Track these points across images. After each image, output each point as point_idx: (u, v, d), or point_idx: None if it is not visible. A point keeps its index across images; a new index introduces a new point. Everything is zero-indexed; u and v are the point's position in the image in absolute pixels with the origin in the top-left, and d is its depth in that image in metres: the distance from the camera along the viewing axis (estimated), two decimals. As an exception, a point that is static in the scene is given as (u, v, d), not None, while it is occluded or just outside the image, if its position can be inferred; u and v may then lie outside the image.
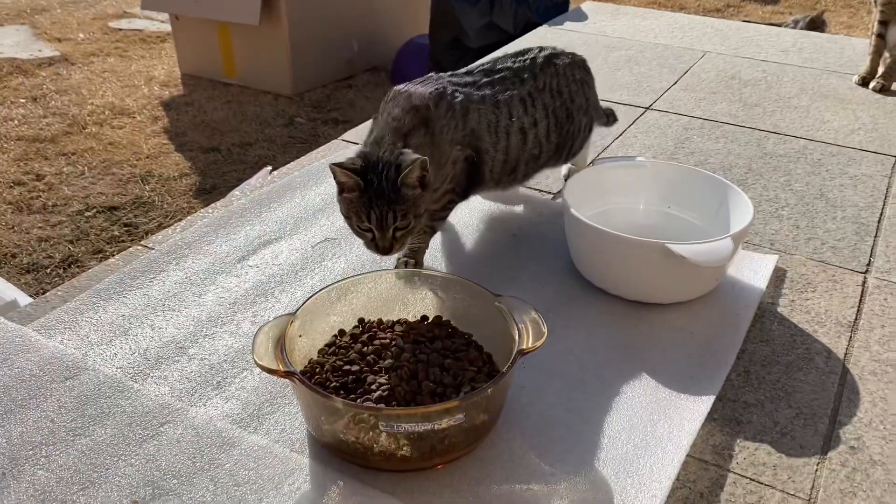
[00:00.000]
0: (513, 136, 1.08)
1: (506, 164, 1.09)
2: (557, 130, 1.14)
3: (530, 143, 1.11)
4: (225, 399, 0.85)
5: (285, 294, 1.03)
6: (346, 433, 0.75)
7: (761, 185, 1.36)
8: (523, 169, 1.13)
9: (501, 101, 1.07)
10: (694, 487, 0.76)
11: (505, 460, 0.77)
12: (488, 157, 1.07)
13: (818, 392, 0.89)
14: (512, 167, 1.11)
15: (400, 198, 0.91)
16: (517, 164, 1.11)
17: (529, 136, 1.10)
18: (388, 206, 0.91)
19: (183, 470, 0.76)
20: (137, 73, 3.61)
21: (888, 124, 1.63)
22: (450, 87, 1.04)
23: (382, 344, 0.86)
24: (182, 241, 1.14)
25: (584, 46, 2.08)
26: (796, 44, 2.15)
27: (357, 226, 0.94)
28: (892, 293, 1.07)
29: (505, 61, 1.13)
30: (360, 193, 0.91)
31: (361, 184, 0.91)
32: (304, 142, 2.93)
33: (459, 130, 1.02)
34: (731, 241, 0.94)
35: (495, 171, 1.09)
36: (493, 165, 1.08)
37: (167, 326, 0.96)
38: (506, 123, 1.07)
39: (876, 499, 0.75)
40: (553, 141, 1.14)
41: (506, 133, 1.07)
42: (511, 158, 1.10)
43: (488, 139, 1.06)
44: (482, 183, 1.10)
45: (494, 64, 1.12)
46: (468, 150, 1.04)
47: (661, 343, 0.95)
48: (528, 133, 1.10)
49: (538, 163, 1.15)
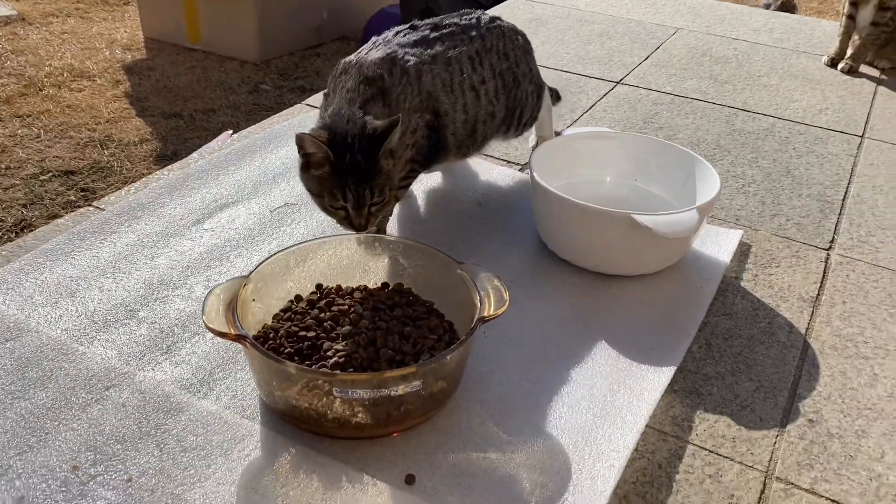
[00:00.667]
0: (467, 93, 1.04)
1: (466, 123, 1.06)
2: (505, 93, 1.10)
3: (483, 101, 1.07)
4: (175, 364, 0.82)
5: (241, 259, 0.99)
6: (299, 399, 0.72)
7: (729, 161, 1.35)
8: (482, 129, 1.09)
9: (452, 57, 1.03)
10: (652, 458, 0.75)
11: (463, 428, 0.76)
12: (449, 118, 1.03)
13: (779, 366, 0.88)
14: (472, 127, 1.07)
15: (376, 172, 0.86)
16: (476, 122, 1.07)
17: (481, 93, 1.06)
18: (364, 183, 0.86)
19: (128, 435, 0.73)
20: (98, 36, 3.50)
21: (855, 105, 1.63)
22: (399, 51, 0.99)
23: (340, 310, 0.84)
24: (135, 202, 1.10)
25: (557, 19, 2.05)
26: (767, 24, 2.15)
27: (329, 205, 0.88)
28: (854, 270, 1.07)
29: (451, 17, 1.09)
30: (331, 168, 0.86)
31: (332, 156, 0.85)
32: (270, 109, 2.86)
33: (416, 95, 0.99)
34: (696, 212, 0.93)
35: (458, 134, 1.06)
36: (456, 127, 1.05)
37: (117, 289, 0.93)
38: (459, 80, 1.03)
39: (832, 471, 0.75)
40: (503, 103, 1.10)
41: (461, 90, 1.04)
42: (470, 116, 1.06)
43: (446, 99, 1.02)
44: (447, 149, 1.06)
45: (442, 20, 1.08)
46: (427, 116, 1.01)
47: (624, 314, 0.94)
48: (479, 91, 1.06)
49: (494, 123, 1.10)
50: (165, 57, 3.31)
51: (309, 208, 1.11)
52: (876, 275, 1.06)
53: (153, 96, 2.93)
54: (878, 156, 1.41)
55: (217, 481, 0.69)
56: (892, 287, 1.04)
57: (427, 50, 1.01)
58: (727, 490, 0.72)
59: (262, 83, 3.11)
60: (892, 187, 1.30)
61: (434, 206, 1.14)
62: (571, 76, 1.69)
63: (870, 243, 1.13)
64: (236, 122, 2.75)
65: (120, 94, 2.94)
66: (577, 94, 1.59)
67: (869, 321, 0.97)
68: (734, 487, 0.73)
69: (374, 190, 0.87)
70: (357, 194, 0.86)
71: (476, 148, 1.12)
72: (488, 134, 1.11)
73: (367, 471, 0.71)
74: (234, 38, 3.28)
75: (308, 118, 1.38)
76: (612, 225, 0.95)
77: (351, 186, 0.86)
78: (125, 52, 3.33)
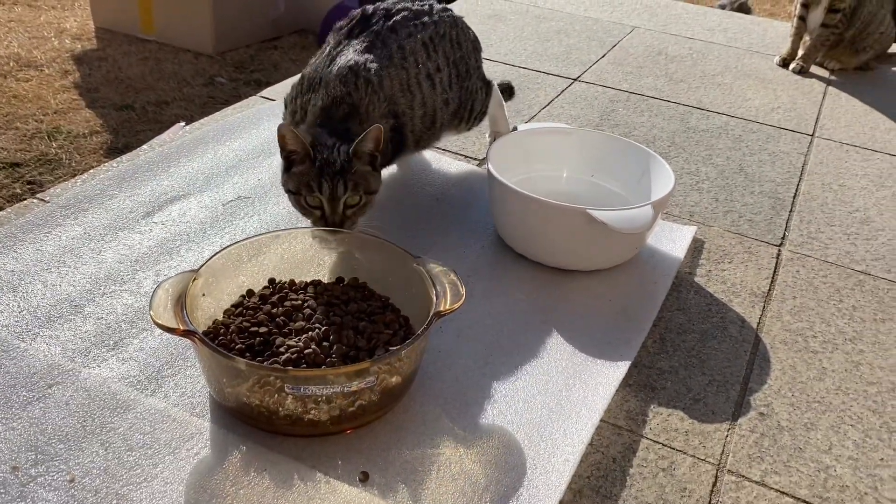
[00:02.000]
0: (423, 84, 1.05)
1: (425, 116, 1.06)
2: (459, 83, 1.11)
3: (438, 88, 1.07)
4: (122, 360, 0.80)
5: (192, 253, 0.97)
6: (250, 397, 0.71)
7: (683, 158, 1.37)
8: (440, 118, 1.09)
9: (407, 49, 1.03)
10: (607, 452, 0.76)
11: (418, 424, 0.75)
12: (407, 117, 1.04)
13: (731, 360, 0.90)
14: (431, 119, 1.08)
15: (350, 167, 0.89)
16: (434, 112, 1.08)
17: (436, 81, 1.07)
18: (339, 176, 0.88)
19: (71, 434, 0.70)
20: (47, 25, 3.40)
21: (806, 104, 1.66)
22: (359, 58, 0.98)
23: (294, 306, 0.82)
24: (82, 194, 1.06)
25: (515, 16, 2.05)
26: (722, 23, 2.18)
27: (306, 201, 0.90)
28: (804, 266, 1.09)
29: (404, 2, 1.09)
30: (310, 164, 0.88)
31: (312, 152, 0.88)
32: (225, 102, 2.81)
33: (383, 103, 0.99)
34: (651, 208, 0.94)
35: (416, 130, 1.06)
36: (414, 124, 1.05)
37: (61, 283, 0.90)
38: (415, 73, 1.04)
39: (782, 463, 0.76)
40: (456, 92, 1.11)
41: (417, 83, 1.04)
42: (429, 109, 1.07)
43: (404, 100, 1.03)
44: (406, 146, 1.06)
45: (394, 5, 1.07)
46: (391, 120, 1.01)
47: (579, 309, 0.94)
48: (434, 79, 1.06)
49: (449, 110, 1.11)
50: (117, 47, 3.23)
51: (263, 202, 1.09)
52: (825, 270, 1.08)
53: (104, 87, 2.86)
54: (828, 154, 1.44)
55: (164, 480, 0.67)
56: (841, 283, 1.06)
57: (383, 49, 1.01)
58: (680, 483, 0.73)
59: (218, 76, 3.06)
60: (840, 185, 1.33)
61: (391, 200, 1.13)
62: (529, 72, 1.69)
63: (819, 240, 1.16)
64: (190, 115, 2.70)
65: (69, 84, 2.86)
66: (534, 90, 1.59)
67: (818, 316, 0.99)
68: (687, 480, 0.73)
69: (348, 183, 0.88)
70: (332, 185, 0.88)
71: (434, 139, 1.12)
72: (444, 123, 1.11)
73: (319, 468, 0.69)
74: (188, 30, 3.22)
75: (263, 110, 1.35)
76: (568, 220, 0.95)
77: (326, 178, 0.88)
78: (75, 42, 3.24)
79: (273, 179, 1.15)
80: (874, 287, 1.06)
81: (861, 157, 1.45)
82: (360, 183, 0.90)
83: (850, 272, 1.08)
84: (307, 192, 0.89)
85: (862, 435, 0.81)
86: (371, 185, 0.92)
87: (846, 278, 1.07)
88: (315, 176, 0.88)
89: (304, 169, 0.89)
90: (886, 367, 0.91)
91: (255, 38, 3.39)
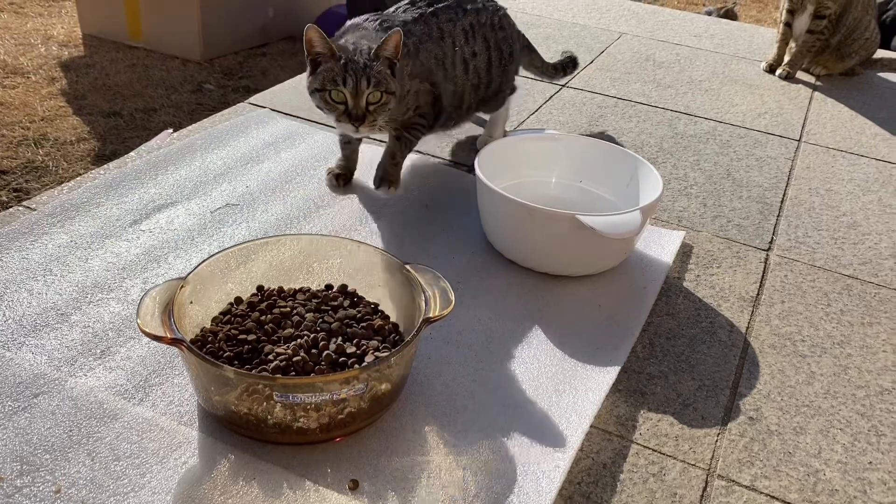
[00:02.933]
0: (458, 66, 1.15)
1: (454, 95, 1.16)
2: (500, 65, 1.21)
3: (471, 73, 1.17)
4: (109, 369, 0.79)
5: (180, 260, 0.97)
6: (238, 405, 0.70)
7: (671, 163, 1.37)
8: (468, 100, 1.19)
9: (446, 30, 1.13)
10: (597, 458, 0.75)
11: (407, 432, 0.75)
12: (441, 89, 1.13)
13: (720, 364, 0.90)
14: (459, 98, 1.17)
15: (372, 66, 0.98)
16: (463, 95, 1.17)
17: (470, 66, 1.16)
18: (362, 72, 0.98)
19: (57, 444, 0.70)
20: (34, 32, 3.38)
21: (792, 110, 1.67)
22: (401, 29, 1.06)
23: (282, 313, 0.82)
24: (69, 202, 1.06)
25: (503, 22, 2.06)
26: (708, 30, 2.19)
27: (330, 97, 0.99)
28: (792, 270, 1.09)
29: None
30: (334, 62, 0.98)
31: (337, 52, 0.98)
32: (213, 109, 2.80)
33: (414, 66, 1.08)
34: (639, 213, 0.94)
35: (447, 104, 1.16)
36: (447, 98, 1.15)
37: (47, 292, 0.89)
38: (451, 54, 1.12)
39: (772, 468, 0.76)
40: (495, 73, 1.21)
41: (452, 64, 1.14)
42: (458, 89, 1.16)
43: (440, 74, 1.12)
44: (442, 111, 1.16)
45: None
46: (426, 84, 1.11)
47: (568, 315, 0.94)
48: (469, 63, 1.16)
49: (478, 94, 1.20)
50: (105, 54, 3.21)
51: (251, 209, 1.08)
52: (813, 275, 1.09)
53: (91, 94, 2.84)
54: (815, 159, 1.45)
55: (152, 490, 0.66)
56: (829, 287, 1.07)
57: (424, 26, 1.11)
58: (670, 489, 0.73)
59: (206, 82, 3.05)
60: (827, 189, 1.34)
61: (380, 206, 1.13)
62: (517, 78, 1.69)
63: (807, 244, 1.16)
64: (178, 122, 2.69)
65: (56, 91, 2.85)
66: (523, 96, 1.60)
67: (806, 320, 0.99)
68: (677, 486, 0.73)
69: (371, 79, 0.98)
70: (356, 80, 0.98)
71: (461, 118, 1.22)
72: (472, 105, 1.21)
73: (308, 476, 0.69)
74: (176, 36, 3.21)
75: (252, 117, 1.35)
76: (557, 225, 0.95)
77: (351, 73, 0.98)
78: (62, 49, 3.23)
79: (262, 187, 1.14)
80: (861, 291, 1.06)
81: (847, 161, 1.46)
82: (382, 81, 0.99)
83: (837, 276, 1.09)
84: (332, 87, 0.99)
85: (851, 439, 0.81)
86: (391, 85, 1.00)
87: (834, 282, 1.08)
88: (340, 72, 0.98)
89: (329, 66, 0.98)
90: (874, 371, 0.91)
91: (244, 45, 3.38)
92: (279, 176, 1.18)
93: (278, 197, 1.12)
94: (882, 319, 1.01)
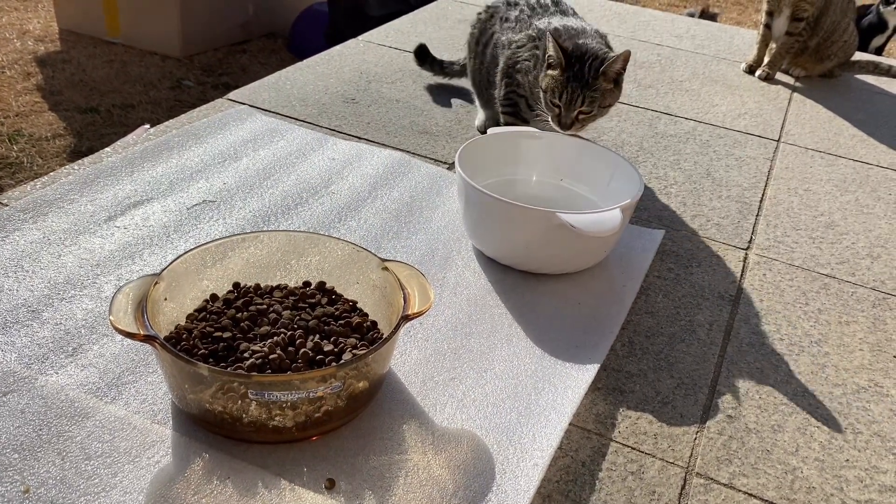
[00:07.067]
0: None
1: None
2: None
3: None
4: (81, 367, 0.78)
5: (155, 257, 0.95)
6: (213, 403, 0.69)
7: (651, 163, 1.38)
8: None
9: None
10: (576, 456, 0.75)
11: (385, 430, 0.74)
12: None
13: (699, 363, 0.90)
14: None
15: (594, 86, 1.06)
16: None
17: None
18: (581, 91, 1.06)
19: (26, 443, 0.68)
20: (9, 26, 3.33)
21: (771, 110, 1.68)
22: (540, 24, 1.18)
23: (259, 310, 0.81)
24: (42, 198, 1.04)
25: (485, 20, 2.05)
26: (689, 30, 2.20)
27: (550, 100, 1.10)
28: (770, 269, 1.10)
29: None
30: (561, 72, 1.07)
31: (564, 64, 1.06)
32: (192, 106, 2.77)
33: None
34: (619, 211, 0.94)
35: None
36: None
37: (18, 288, 0.87)
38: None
39: (750, 465, 0.77)
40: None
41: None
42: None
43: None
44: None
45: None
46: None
47: (547, 312, 0.94)
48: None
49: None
50: (82, 49, 3.18)
51: (228, 206, 1.07)
52: (791, 274, 1.09)
53: (68, 90, 2.81)
54: (793, 159, 1.46)
55: (123, 490, 0.65)
56: (806, 286, 1.07)
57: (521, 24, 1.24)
58: (649, 486, 0.73)
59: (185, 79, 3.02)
60: (805, 189, 1.35)
61: (359, 202, 1.12)
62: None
63: (785, 243, 1.17)
64: (156, 118, 2.66)
65: (31, 87, 2.81)
66: (504, 94, 1.59)
67: (784, 319, 1.00)
68: (656, 484, 0.73)
69: (586, 98, 1.07)
70: (571, 98, 1.07)
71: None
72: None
73: (284, 476, 0.68)
74: (155, 32, 3.17)
75: (230, 114, 1.33)
76: (537, 223, 0.94)
77: (568, 89, 1.07)
78: (38, 44, 3.18)
79: (239, 184, 1.13)
80: (839, 290, 1.07)
81: (825, 162, 1.47)
82: (597, 98, 1.08)
83: (815, 275, 1.10)
84: (551, 96, 1.09)
85: (828, 436, 0.81)
86: (608, 100, 1.10)
87: (812, 281, 1.08)
88: (561, 85, 1.07)
89: (556, 75, 1.08)
90: (851, 369, 0.92)
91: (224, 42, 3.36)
92: (257, 173, 1.16)
93: (256, 194, 1.11)
94: (859, 318, 1.01)
